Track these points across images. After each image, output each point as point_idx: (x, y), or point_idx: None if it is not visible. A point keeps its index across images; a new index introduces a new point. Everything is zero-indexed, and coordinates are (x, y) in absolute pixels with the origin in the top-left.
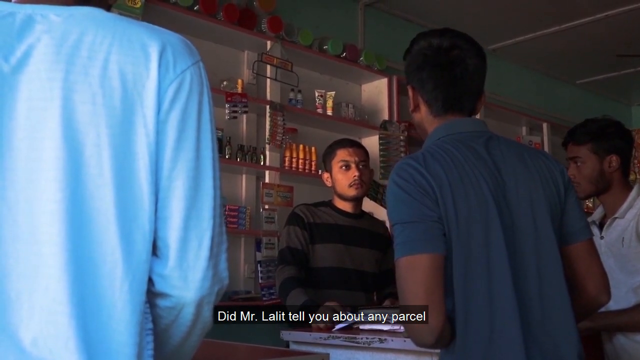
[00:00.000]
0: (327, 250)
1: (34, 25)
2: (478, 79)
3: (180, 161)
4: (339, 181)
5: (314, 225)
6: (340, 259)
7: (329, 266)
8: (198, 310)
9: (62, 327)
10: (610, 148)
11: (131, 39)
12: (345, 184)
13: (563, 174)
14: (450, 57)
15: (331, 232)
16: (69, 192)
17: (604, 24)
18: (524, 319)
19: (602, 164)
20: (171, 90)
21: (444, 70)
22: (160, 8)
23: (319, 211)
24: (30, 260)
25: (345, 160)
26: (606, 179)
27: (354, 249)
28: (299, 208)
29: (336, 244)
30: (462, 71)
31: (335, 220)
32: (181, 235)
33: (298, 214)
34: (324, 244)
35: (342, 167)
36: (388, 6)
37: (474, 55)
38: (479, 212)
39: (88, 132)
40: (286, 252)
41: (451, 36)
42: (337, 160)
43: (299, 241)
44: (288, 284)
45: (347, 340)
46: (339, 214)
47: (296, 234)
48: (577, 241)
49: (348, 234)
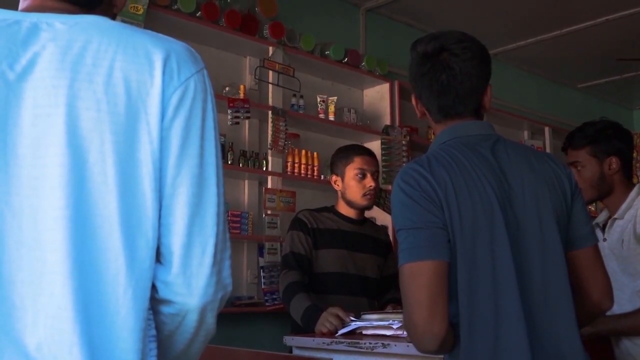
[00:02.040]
0: (331, 256)
1: (39, 33)
2: (469, 80)
3: (184, 168)
4: (352, 188)
5: (317, 230)
6: (343, 264)
7: (333, 271)
8: (201, 317)
9: (66, 334)
10: (609, 150)
11: (136, 47)
12: (359, 193)
13: (570, 178)
14: (436, 64)
15: (334, 238)
16: (73, 199)
17: (604, 28)
18: (529, 325)
19: (602, 166)
20: (175, 98)
21: (431, 79)
22: (162, 14)
23: (322, 217)
24: (34, 266)
25: (362, 169)
26: (607, 181)
27: (357, 254)
28: (302, 213)
29: (339, 250)
30: (448, 77)
31: (339, 226)
32: (185, 242)
33: (302, 219)
34: (328, 249)
35: (358, 175)
36: (389, 11)
37: (464, 57)
38: (484, 217)
39: (92, 138)
40: (290, 257)
41: (440, 39)
42: (353, 167)
43: (302, 246)
44: (291, 288)
45: (350, 346)
46: (342, 219)
47: (300, 239)
48: (582, 247)
49: (351, 240)
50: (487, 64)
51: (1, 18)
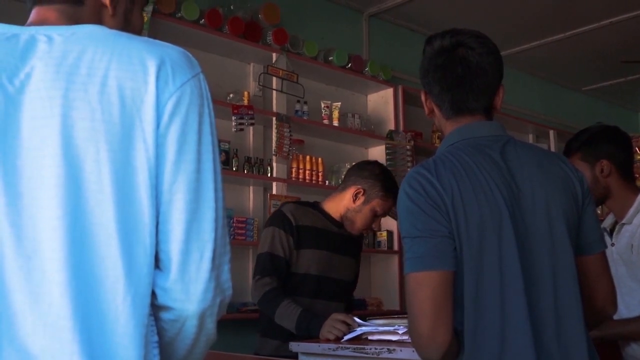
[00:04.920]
0: (312, 257)
1: (36, 46)
2: (484, 76)
3: (181, 174)
4: (364, 217)
5: (302, 227)
6: (323, 267)
7: (311, 273)
8: (201, 323)
9: (67, 343)
10: (599, 154)
11: (130, 55)
12: (365, 225)
13: (582, 182)
14: (453, 57)
15: (318, 238)
16: (69, 209)
17: (609, 31)
18: (536, 332)
19: (594, 170)
20: (170, 104)
21: (446, 70)
22: (166, 22)
23: (308, 212)
24: (33, 276)
25: (383, 212)
26: (601, 185)
27: (337, 257)
28: (287, 207)
29: (321, 251)
30: (465, 70)
31: (324, 225)
32: (182, 248)
33: (286, 215)
34: (310, 249)
35: (378, 213)
36: (392, 16)
37: (480, 52)
38: (491, 222)
39: (88, 148)
40: (267, 259)
41: (457, 35)
42: (381, 204)
43: (282, 248)
44: (273, 294)
45: (356, 351)
46: (327, 219)
47: (281, 239)
48: (591, 253)
49: (334, 242)
50: (501, 63)
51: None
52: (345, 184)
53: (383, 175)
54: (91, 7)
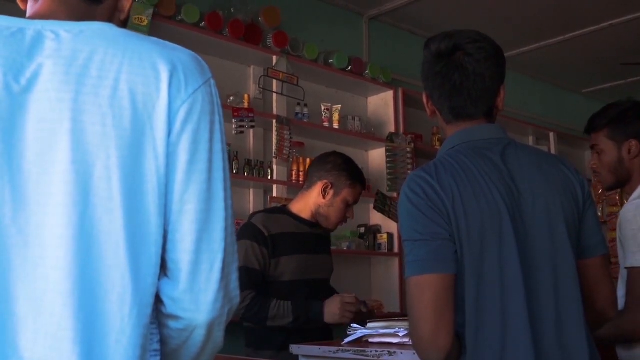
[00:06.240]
0: (291, 263)
1: (44, 43)
2: (482, 82)
3: (192, 184)
4: (333, 212)
5: (276, 236)
6: (303, 271)
7: (292, 280)
8: (209, 332)
9: (66, 353)
10: (629, 133)
11: (142, 57)
12: (339, 218)
13: (583, 185)
14: (450, 64)
15: (294, 243)
16: (77, 216)
17: (608, 33)
18: (536, 334)
19: (620, 150)
20: (182, 112)
21: (444, 78)
22: (166, 25)
23: (278, 219)
24: (37, 284)
25: (355, 200)
26: (625, 167)
27: (315, 257)
28: (256, 219)
29: (300, 255)
30: (461, 77)
31: (297, 229)
32: (192, 259)
33: (257, 226)
34: (289, 256)
35: (349, 203)
36: (392, 19)
37: (478, 58)
38: (491, 226)
39: (98, 154)
40: (242, 273)
41: (455, 38)
42: (348, 193)
43: (256, 260)
44: (256, 303)
45: (356, 354)
46: (298, 222)
47: (254, 251)
48: (592, 256)
49: (310, 243)
50: (501, 65)
51: (4, 25)
52: (311, 181)
53: (346, 164)
54: (107, 9)
